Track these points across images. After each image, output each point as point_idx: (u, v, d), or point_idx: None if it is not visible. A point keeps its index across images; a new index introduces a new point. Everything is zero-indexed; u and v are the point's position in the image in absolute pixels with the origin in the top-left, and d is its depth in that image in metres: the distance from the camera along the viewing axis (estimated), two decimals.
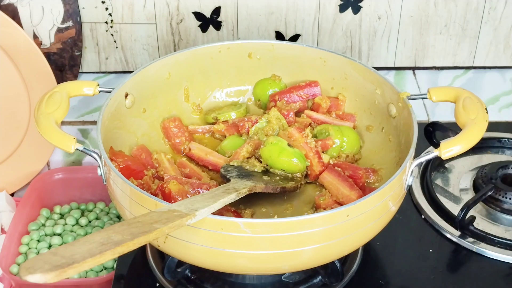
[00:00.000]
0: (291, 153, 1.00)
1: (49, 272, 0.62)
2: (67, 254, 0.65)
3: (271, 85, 1.15)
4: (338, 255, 0.91)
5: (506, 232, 1.07)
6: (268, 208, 0.98)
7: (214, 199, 0.83)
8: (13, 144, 1.23)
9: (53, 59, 1.30)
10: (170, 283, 0.98)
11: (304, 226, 0.82)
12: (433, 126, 1.17)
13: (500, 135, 1.25)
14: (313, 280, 0.99)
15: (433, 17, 1.33)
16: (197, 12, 1.30)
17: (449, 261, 1.04)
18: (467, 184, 1.16)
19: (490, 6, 1.32)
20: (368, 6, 1.31)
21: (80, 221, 1.19)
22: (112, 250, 0.67)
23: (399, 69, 1.40)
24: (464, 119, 0.95)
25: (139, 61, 1.36)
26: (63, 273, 0.62)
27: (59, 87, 1.00)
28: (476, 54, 1.38)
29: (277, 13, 1.31)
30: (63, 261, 0.63)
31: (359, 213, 0.84)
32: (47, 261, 0.63)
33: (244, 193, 0.91)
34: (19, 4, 1.25)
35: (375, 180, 1.02)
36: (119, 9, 1.29)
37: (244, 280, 0.99)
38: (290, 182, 0.98)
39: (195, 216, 0.77)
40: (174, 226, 0.74)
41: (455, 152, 0.91)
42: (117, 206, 0.93)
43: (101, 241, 0.67)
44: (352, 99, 1.12)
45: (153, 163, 1.03)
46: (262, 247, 0.83)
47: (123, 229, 0.71)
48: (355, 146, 1.07)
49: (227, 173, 0.97)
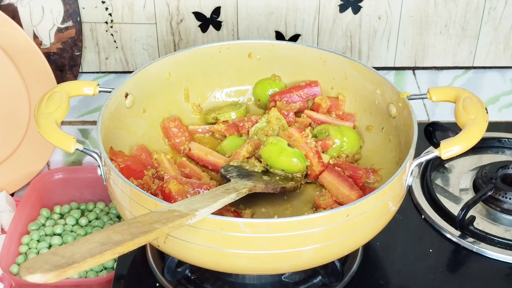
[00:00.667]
0: (291, 153, 1.00)
1: (49, 272, 0.62)
2: (67, 254, 0.65)
3: (271, 85, 1.15)
4: (338, 255, 0.91)
5: (506, 232, 1.07)
6: (268, 208, 0.98)
7: (214, 199, 0.83)
8: (13, 144, 1.23)
9: (53, 59, 1.30)
10: (170, 283, 0.98)
11: (304, 226, 0.82)
12: (433, 126, 1.17)
13: (500, 135, 1.25)
14: (313, 280, 0.99)
15: (433, 17, 1.33)
16: (197, 12, 1.30)
17: (449, 261, 1.03)
18: (467, 184, 1.16)
19: (490, 6, 1.32)
20: (368, 6, 1.31)
21: (80, 221, 1.19)
22: (112, 250, 0.67)
23: (399, 69, 1.40)
24: (464, 119, 0.94)
25: (139, 61, 1.35)
26: (63, 273, 0.62)
27: (59, 87, 1.00)
28: (476, 54, 1.38)
29: (277, 13, 1.31)
30: (63, 261, 0.63)
31: (359, 213, 0.84)
32: (47, 261, 0.63)
33: (244, 193, 0.91)
34: (19, 4, 1.25)
35: (375, 180, 1.02)
36: (119, 9, 1.29)
37: (244, 280, 0.99)
38: (290, 182, 0.98)
39: (195, 216, 0.77)
40: (174, 226, 0.74)
41: (455, 152, 0.91)
42: (117, 206, 0.93)
43: (101, 241, 0.67)
44: (352, 99, 1.12)
45: (153, 163, 1.03)
46: (262, 247, 0.83)
47: (123, 229, 0.71)
48: (355, 146, 1.07)
49: (227, 173, 0.97)
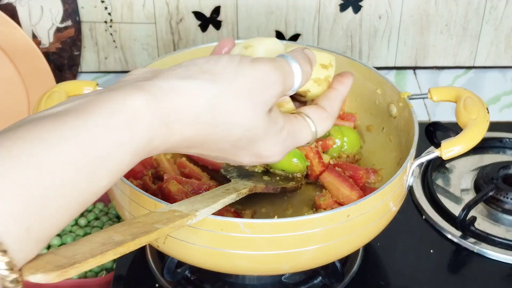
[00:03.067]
0: (290, 153, 0.99)
1: (51, 272, 0.61)
2: (68, 254, 0.64)
3: None
4: (339, 255, 0.90)
5: (507, 232, 1.07)
6: (268, 208, 0.98)
7: (214, 199, 0.83)
8: None
9: (52, 58, 1.30)
10: (170, 283, 0.98)
11: (304, 226, 0.81)
12: (434, 126, 1.17)
13: (501, 135, 1.24)
14: (314, 281, 0.98)
15: (434, 16, 1.33)
16: (197, 11, 1.30)
17: (450, 261, 1.03)
18: (468, 184, 1.15)
19: (491, 5, 1.32)
20: (368, 5, 1.31)
21: (79, 221, 1.19)
22: (114, 250, 0.66)
23: (400, 68, 1.39)
24: (465, 119, 0.94)
25: (139, 61, 1.35)
26: (65, 273, 0.62)
27: (58, 86, 1.00)
28: (477, 53, 1.38)
29: (277, 13, 1.31)
30: (65, 261, 0.63)
31: (360, 214, 0.84)
32: (49, 261, 0.63)
33: (244, 194, 0.90)
34: (18, 3, 1.25)
35: (375, 180, 1.01)
36: (118, 9, 1.29)
37: (244, 281, 0.99)
38: (291, 182, 0.98)
39: (195, 217, 0.77)
40: (175, 227, 0.74)
41: (456, 152, 0.91)
42: (116, 206, 0.93)
43: (102, 241, 0.67)
44: (353, 99, 1.11)
45: (152, 163, 1.02)
46: (262, 248, 0.82)
47: (124, 229, 0.70)
48: (356, 146, 1.07)
49: (227, 173, 0.96)
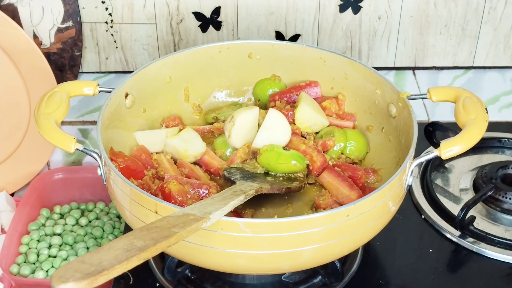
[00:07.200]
0: (288, 156, 0.99)
1: (81, 280, 0.62)
2: (95, 261, 0.65)
3: (271, 85, 1.15)
4: (338, 255, 0.91)
5: (506, 232, 1.07)
6: (268, 208, 0.98)
7: (224, 202, 0.83)
8: (13, 144, 1.23)
9: (53, 59, 1.30)
10: (170, 283, 0.98)
11: (304, 226, 0.82)
12: (433, 126, 1.17)
13: (500, 135, 1.25)
14: (313, 280, 0.99)
15: (433, 17, 1.33)
16: (197, 12, 1.30)
17: (449, 261, 1.03)
18: (467, 184, 1.16)
19: (490, 6, 1.32)
20: (368, 6, 1.31)
21: (80, 221, 1.19)
22: (138, 256, 0.67)
23: (399, 69, 1.40)
24: (464, 119, 0.94)
25: (139, 61, 1.35)
26: (95, 280, 0.62)
27: (59, 87, 1.00)
28: (476, 54, 1.38)
29: (277, 13, 1.31)
30: (93, 269, 0.63)
31: (359, 213, 0.84)
32: (77, 269, 0.63)
33: (251, 195, 0.91)
34: (19, 4, 1.25)
35: (375, 180, 1.02)
36: (119, 9, 1.29)
37: (244, 280, 0.99)
38: (295, 182, 0.98)
39: (209, 219, 0.77)
40: (191, 230, 0.74)
41: (455, 152, 0.91)
42: (117, 206, 0.93)
43: (125, 247, 0.68)
44: (352, 99, 1.12)
45: (153, 163, 1.03)
46: (262, 247, 0.83)
47: (144, 234, 0.71)
48: (363, 151, 1.07)
49: (231, 175, 0.96)
